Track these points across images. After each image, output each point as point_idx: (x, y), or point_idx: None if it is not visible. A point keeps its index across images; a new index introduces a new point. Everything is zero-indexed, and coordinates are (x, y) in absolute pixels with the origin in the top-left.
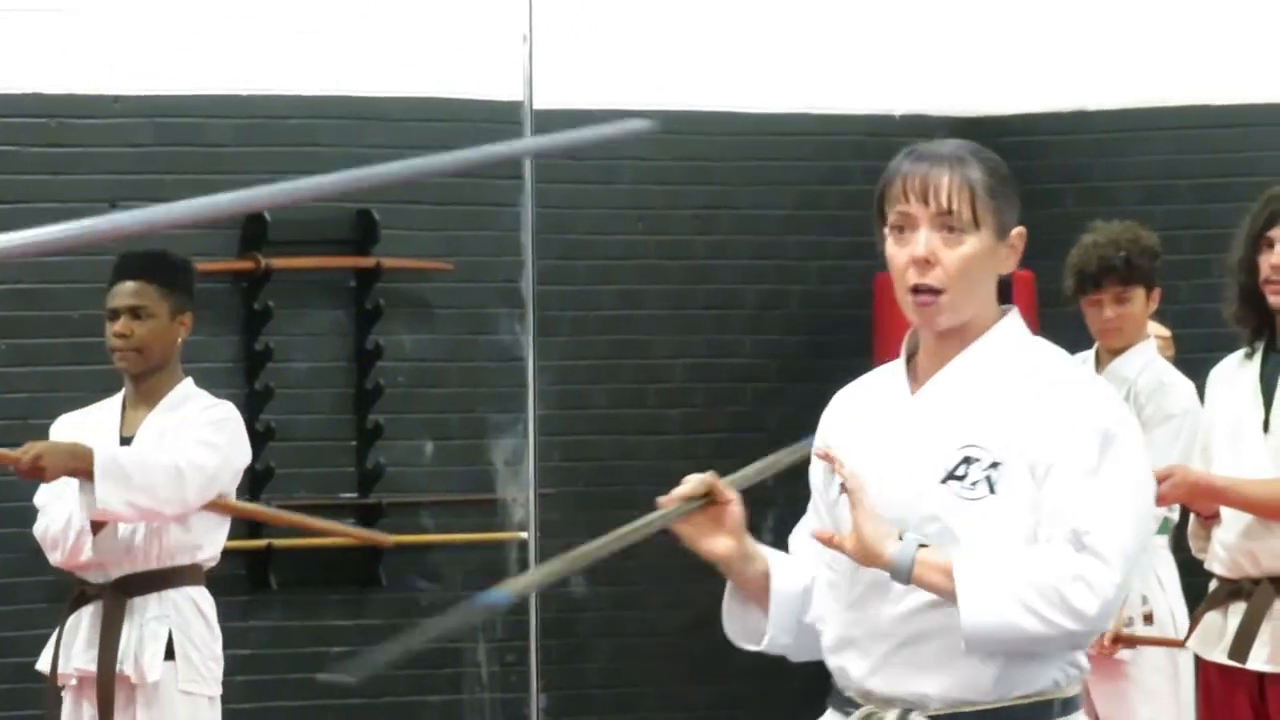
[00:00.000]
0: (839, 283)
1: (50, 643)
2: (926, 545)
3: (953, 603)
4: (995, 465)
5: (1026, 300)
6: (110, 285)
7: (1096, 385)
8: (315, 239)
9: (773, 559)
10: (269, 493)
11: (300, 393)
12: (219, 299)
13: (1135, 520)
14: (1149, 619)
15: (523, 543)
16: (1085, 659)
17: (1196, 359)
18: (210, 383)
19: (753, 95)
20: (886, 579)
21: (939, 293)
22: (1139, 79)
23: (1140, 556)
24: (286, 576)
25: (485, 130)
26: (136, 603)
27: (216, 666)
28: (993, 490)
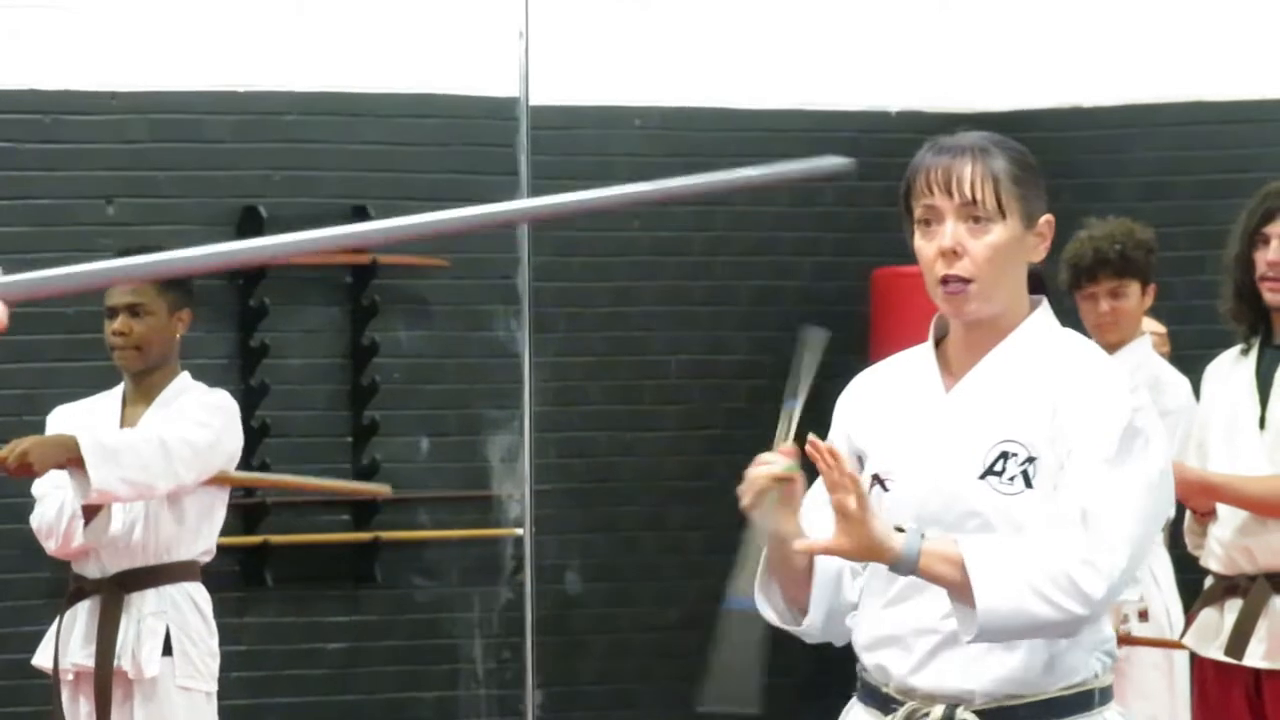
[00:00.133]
0: (834, 279)
1: (48, 638)
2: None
3: (958, 593)
4: (1031, 460)
5: None
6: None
7: (1121, 380)
8: None
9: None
10: (264, 489)
11: (296, 389)
12: (215, 295)
13: (1146, 514)
14: (1144, 616)
15: (518, 539)
16: (1117, 648)
17: (1192, 355)
18: (206, 379)
19: (748, 92)
20: None
21: (968, 282)
22: (1136, 75)
23: (1145, 553)
24: (282, 573)
25: (480, 127)
26: (134, 598)
27: (213, 662)
28: (1029, 484)
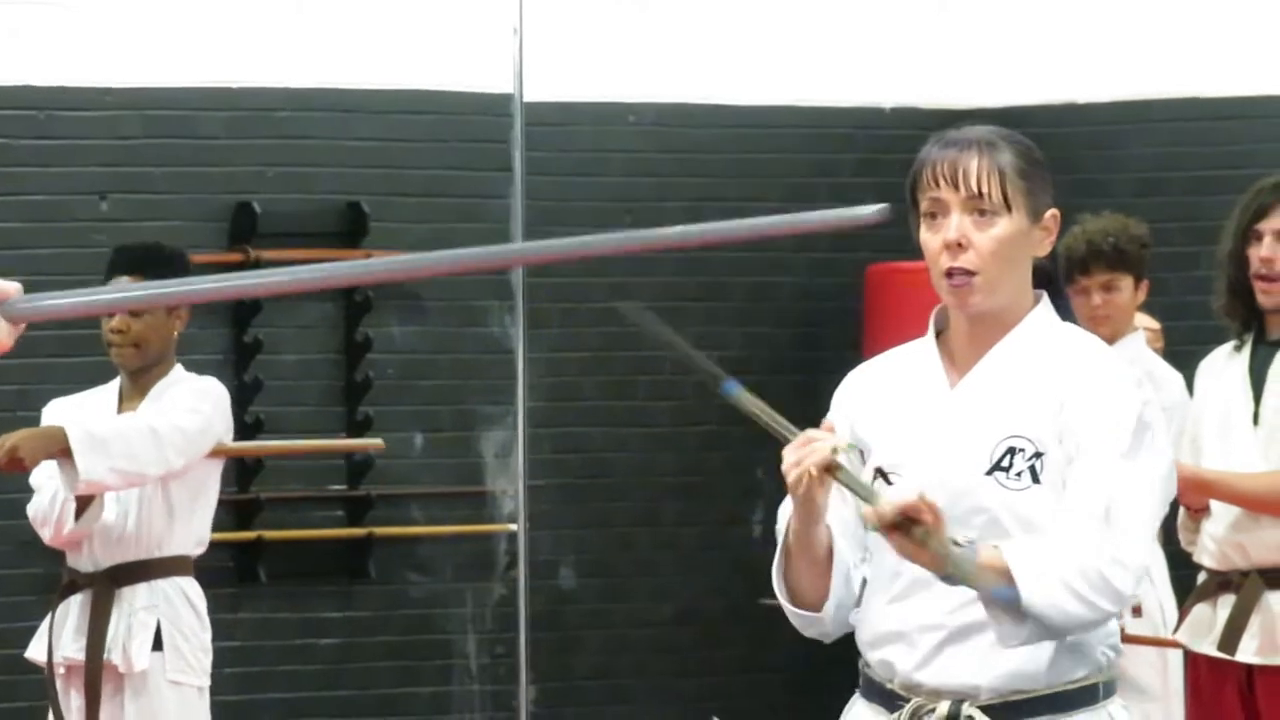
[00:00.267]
0: (828, 275)
1: (40, 631)
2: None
3: (999, 599)
4: (1039, 455)
5: None
6: (106, 279)
7: (1129, 374)
8: (305, 231)
9: (831, 523)
10: (258, 485)
11: (290, 385)
12: None
13: (1157, 507)
14: (1137, 612)
15: (512, 535)
16: (1120, 641)
17: (1186, 351)
18: (199, 374)
19: (742, 88)
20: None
21: (972, 274)
22: (1130, 72)
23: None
24: (276, 569)
25: (475, 123)
26: (125, 592)
27: (206, 657)
28: (1037, 480)
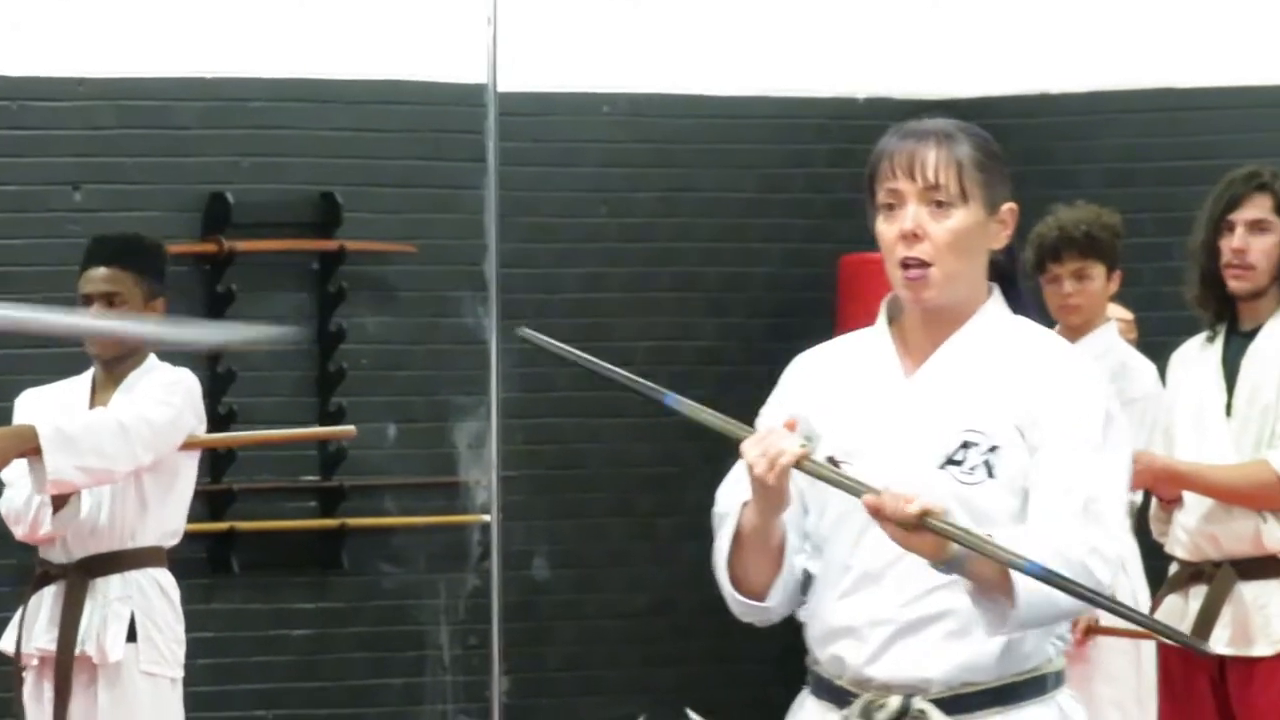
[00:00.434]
0: (802, 265)
1: (13, 623)
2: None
3: (990, 589)
4: (994, 449)
5: None
6: (83, 270)
7: (1089, 366)
8: (278, 222)
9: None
10: (231, 475)
11: (263, 375)
12: (182, 281)
13: (1124, 496)
14: None
15: (485, 525)
16: (1069, 632)
17: (1159, 342)
18: (173, 365)
19: (716, 78)
20: (881, 567)
21: (927, 265)
22: (1102, 62)
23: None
24: (249, 559)
25: (449, 113)
26: (99, 583)
27: (179, 648)
28: (991, 474)
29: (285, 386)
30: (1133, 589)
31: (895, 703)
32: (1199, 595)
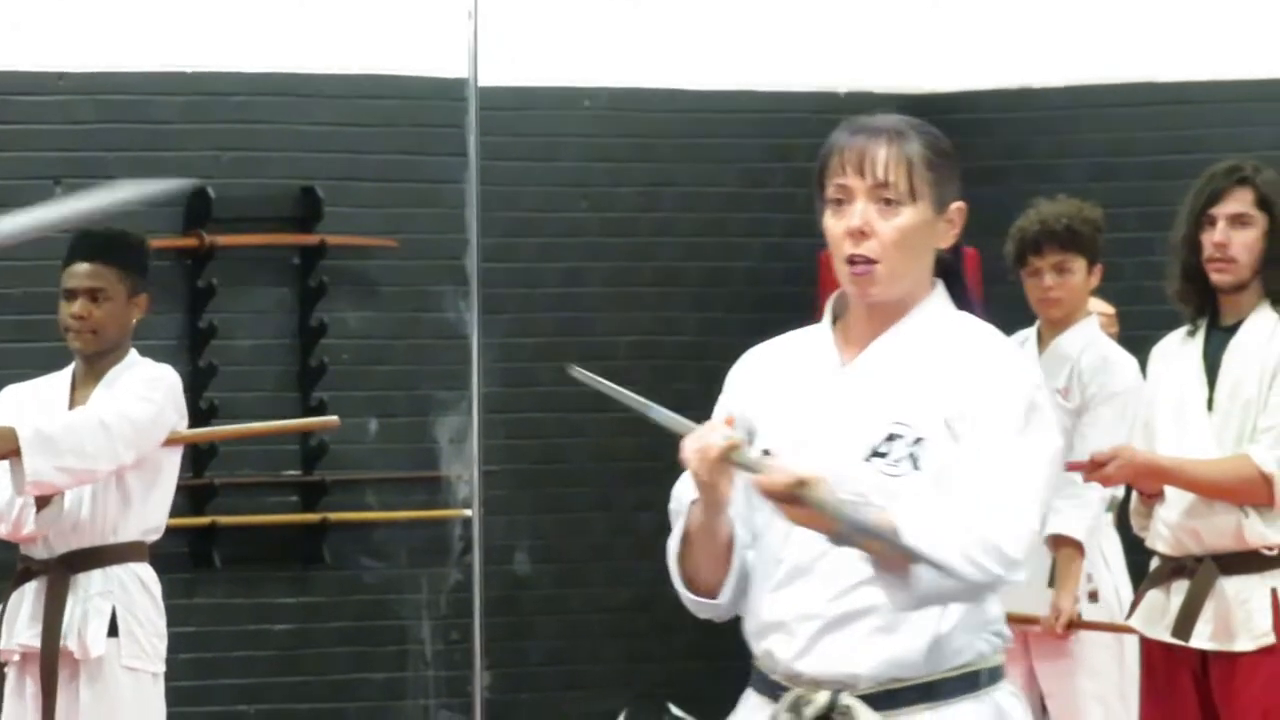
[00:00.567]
0: (783, 260)
1: None
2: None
3: (889, 563)
4: (919, 441)
5: (969, 277)
6: (66, 265)
7: (1019, 359)
8: (259, 216)
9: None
10: (212, 470)
11: (244, 370)
12: (163, 276)
13: (1048, 483)
14: (1094, 597)
15: (467, 520)
16: (1008, 629)
17: (1140, 336)
18: (154, 360)
19: (696, 73)
20: (810, 560)
21: (874, 263)
22: (1084, 56)
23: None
24: (230, 554)
25: (429, 108)
26: (80, 578)
27: (161, 643)
28: (916, 467)
29: (267, 381)
30: (1114, 583)
31: (823, 698)
32: (1181, 590)
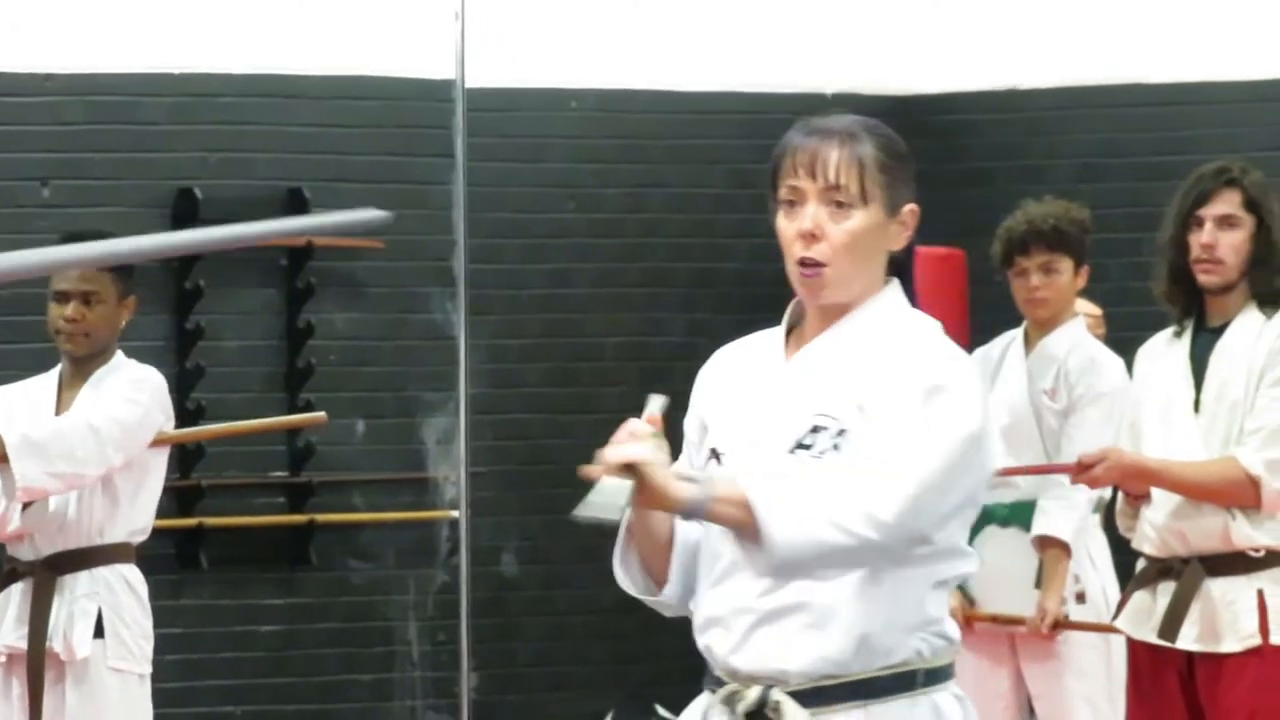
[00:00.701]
0: (770, 261)
1: None
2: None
3: (749, 533)
4: (842, 432)
5: (957, 278)
6: None
7: (940, 347)
8: (246, 217)
9: None
10: (199, 471)
11: (231, 371)
12: (150, 277)
13: (947, 460)
14: (1081, 598)
15: (454, 521)
16: (955, 630)
17: (1127, 337)
18: (142, 362)
19: (684, 74)
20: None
21: (823, 266)
22: (1072, 58)
23: (946, 500)
24: (217, 555)
25: (416, 109)
26: (67, 580)
27: (147, 644)
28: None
29: (254, 382)
30: (1101, 583)
31: (754, 694)
32: (1167, 591)
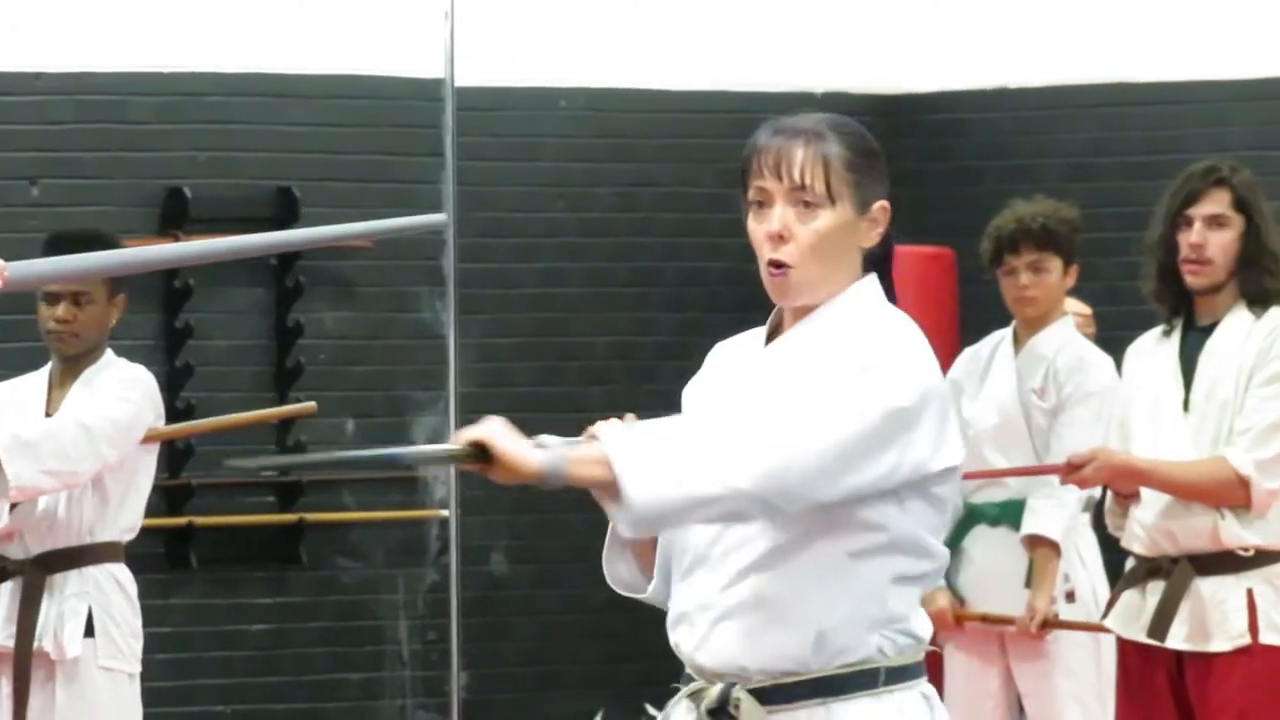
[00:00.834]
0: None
1: None
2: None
3: (613, 490)
4: None
5: (946, 278)
6: None
7: (887, 331)
8: (236, 216)
9: None
10: (189, 470)
11: (221, 370)
12: (139, 276)
13: (859, 430)
14: (1070, 597)
15: (444, 520)
16: (925, 628)
17: (1116, 337)
18: (130, 360)
19: (673, 73)
20: (706, 547)
21: (789, 267)
22: (1061, 56)
23: (854, 469)
24: (206, 554)
25: (406, 108)
26: (56, 579)
27: (137, 643)
28: None
29: (243, 381)
30: (1091, 582)
31: (716, 692)
32: (1156, 590)
